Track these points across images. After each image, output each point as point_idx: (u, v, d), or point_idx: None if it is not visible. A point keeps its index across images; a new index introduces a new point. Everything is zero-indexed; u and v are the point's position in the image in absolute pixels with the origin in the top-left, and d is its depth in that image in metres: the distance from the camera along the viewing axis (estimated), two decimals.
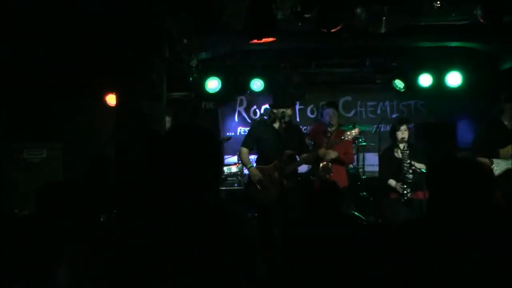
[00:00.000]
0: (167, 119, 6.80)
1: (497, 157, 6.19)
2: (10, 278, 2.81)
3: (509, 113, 6.25)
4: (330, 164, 6.20)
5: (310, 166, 7.01)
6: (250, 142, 6.25)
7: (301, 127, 7.39)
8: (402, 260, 2.27)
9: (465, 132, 7.96)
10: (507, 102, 6.25)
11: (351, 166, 7.16)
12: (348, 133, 6.17)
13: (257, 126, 6.44)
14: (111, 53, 5.22)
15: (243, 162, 6.41)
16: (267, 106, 8.16)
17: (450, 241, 2.19)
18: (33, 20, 4.99)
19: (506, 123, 6.30)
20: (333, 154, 6.23)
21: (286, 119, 6.01)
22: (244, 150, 6.24)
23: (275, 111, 6.07)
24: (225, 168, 7.48)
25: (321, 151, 6.09)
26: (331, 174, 6.19)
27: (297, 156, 6.15)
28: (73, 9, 4.91)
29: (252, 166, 6.16)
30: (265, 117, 6.35)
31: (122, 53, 5.04)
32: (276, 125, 6.09)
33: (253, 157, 6.48)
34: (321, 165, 6.16)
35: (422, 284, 2.18)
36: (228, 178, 7.80)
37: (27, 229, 3.08)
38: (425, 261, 2.18)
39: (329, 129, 6.48)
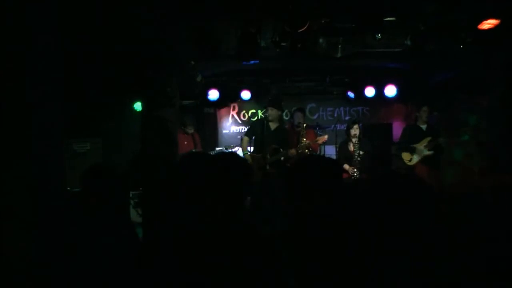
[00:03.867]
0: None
1: (414, 150, 6.46)
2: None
3: (422, 119, 6.54)
4: None
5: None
6: (249, 133, 6.32)
7: None
8: None
9: (398, 131, 8.05)
10: (419, 111, 6.55)
11: None
12: (319, 138, 6.27)
13: (255, 123, 6.47)
14: (139, 72, 5.22)
15: (242, 148, 6.36)
16: (253, 110, 8.27)
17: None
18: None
19: (420, 126, 6.56)
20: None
21: (270, 118, 6.02)
22: (245, 138, 6.33)
23: (268, 111, 6.06)
24: None
25: (292, 151, 5.94)
26: None
27: (281, 149, 6.06)
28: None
29: (247, 153, 6.21)
30: (264, 115, 6.24)
31: (146, 72, 5.06)
32: (271, 124, 6.11)
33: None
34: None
35: None
36: None
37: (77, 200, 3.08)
38: None
39: (297, 128, 6.50)
